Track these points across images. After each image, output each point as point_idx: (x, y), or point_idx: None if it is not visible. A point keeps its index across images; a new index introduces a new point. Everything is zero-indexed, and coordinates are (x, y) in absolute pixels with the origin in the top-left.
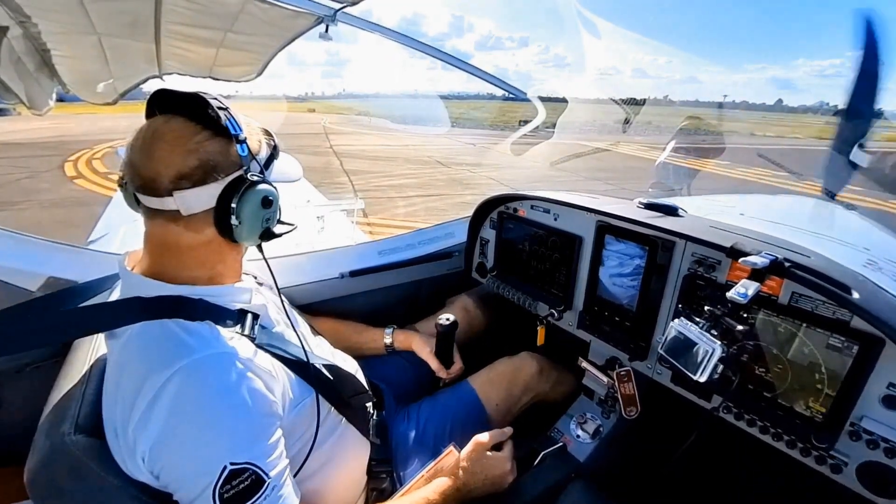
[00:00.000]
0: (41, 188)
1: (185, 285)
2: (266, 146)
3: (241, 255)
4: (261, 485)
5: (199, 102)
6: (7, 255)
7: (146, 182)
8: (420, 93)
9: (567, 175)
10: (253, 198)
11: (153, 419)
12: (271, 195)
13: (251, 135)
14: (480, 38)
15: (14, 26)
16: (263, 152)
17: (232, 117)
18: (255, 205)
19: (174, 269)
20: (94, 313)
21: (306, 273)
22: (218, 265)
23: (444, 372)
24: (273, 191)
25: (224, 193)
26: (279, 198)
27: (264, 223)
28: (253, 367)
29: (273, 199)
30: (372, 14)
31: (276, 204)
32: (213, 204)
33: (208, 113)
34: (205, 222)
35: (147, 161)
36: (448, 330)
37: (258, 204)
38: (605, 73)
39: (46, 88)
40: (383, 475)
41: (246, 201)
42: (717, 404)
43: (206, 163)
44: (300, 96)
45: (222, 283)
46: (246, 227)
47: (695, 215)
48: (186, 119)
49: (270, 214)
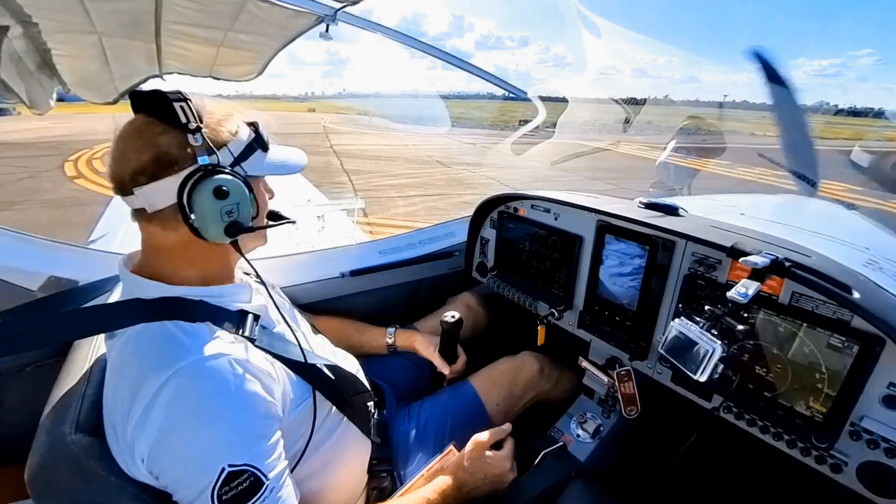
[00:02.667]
0: (42, 188)
1: (184, 286)
2: (244, 137)
3: (230, 254)
4: (260, 486)
5: (157, 96)
6: (8, 254)
7: (115, 182)
8: (420, 92)
9: (567, 175)
10: (204, 189)
11: (151, 421)
12: (226, 184)
13: (220, 126)
14: (481, 37)
15: (14, 26)
16: (237, 143)
17: (189, 108)
18: (208, 196)
19: (166, 269)
20: (95, 314)
21: (307, 272)
22: (207, 265)
23: (447, 369)
24: (232, 180)
25: (182, 187)
26: (243, 189)
27: (225, 216)
28: (251, 369)
29: (229, 190)
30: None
31: (237, 195)
32: (174, 199)
33: (162, 106)
34: (176, 220)
35: (112, 161)
36: (453, 328)
37: (210, 195)
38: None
39: (47, 88)
40: (384, 474)
41: (198, 192)
42: (717, 404)
43: (159, 156)
44: (300, 96)
45: (218, 283)
46: (205, 221)
47: (695, 215)
48: (145, 115)
49: (231, 207)
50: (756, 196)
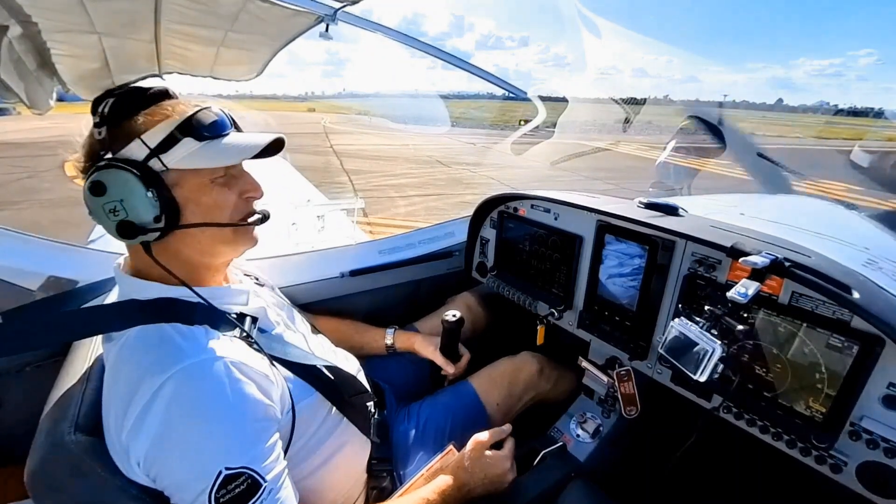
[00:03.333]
0: (42, 187)
1: (179, 287)
2: (166, 126)
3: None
4: (257, 488)
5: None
6: (7, 254)
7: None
8: (420, 92)
9: (567, 174)
10: (87, 186)
11: (147, 424)
12: (101, 179)
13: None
14: (481, 37)
15: (14, 25)
16: (154, 132)
17: (108, 104)
18: (87, 194)
19: (146, 269)
20: (93, 315)
21: (306, 272)
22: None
23: (450, 367)
24: (112, 174)
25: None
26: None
27: (110, 215)
28: (248, 371)
29: (106, 185)
30: (372, 13)
31: (119, 191)
32: None
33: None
34: None
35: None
36: (454, 326)
37: (88, 192)
38: (606, 73)
39: (47, 88)
40: (384, 474)
41: (84, 190)
42: (717, 404)
43: (88, 152)
44: (300, 96)
45: (208, 284)
46: (98, 220)
47: (695, 215)
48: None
49: (113, 204)
50: (756, 196)
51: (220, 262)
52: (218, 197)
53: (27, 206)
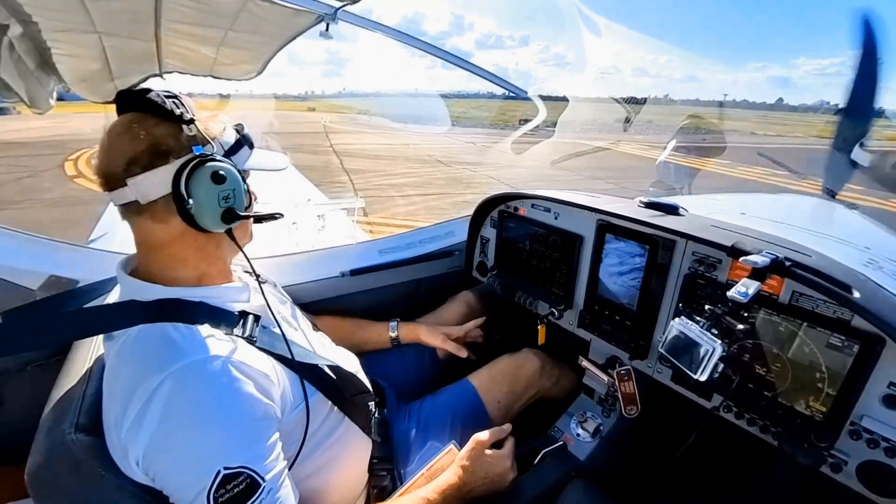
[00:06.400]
0: (42, 187)
1: (181, 287)
2: (231, 133)
3: (222, 249)
4: (256, 488)
5: (146, 94)
6: (8, 253)
7: (105, 177)
8: (420, 91)
9: (568, 174)
10: (202, 174)
11: (146, 424)
12: (224, 170)
13: (210, 121)
14: (481, 36)
15: (14, 25)
16: (227, 137)
17: (182, 103)
18: (206, 181)
19: (161, 270)
20: (94, 315)
21: (307, 272)
22: (200, 263)
23: (463, 352)
24: (227, 167)
25: (177, 175)
26: (238, 176)
27: (222, 202)
28: (248, 370)
29: (227, 175)
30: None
31: (232, 181)
32: (169, 189)
33: (155, 101)
34: (168, 211)
35: (102, 156)
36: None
37: (208, 179)
38: (606, 72)
39: (47, 87)
40: (384, 473)
41: (196, 178)
42: (717, 403)
43: (154, 145)
44: (300, 95)
45: (215, 282)
46: (201, 206)
47: (695, 214)
48: (135, 111)
49: (228, 192)
50: (756, 195)
51: (230, 259)
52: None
53: (28, 206)
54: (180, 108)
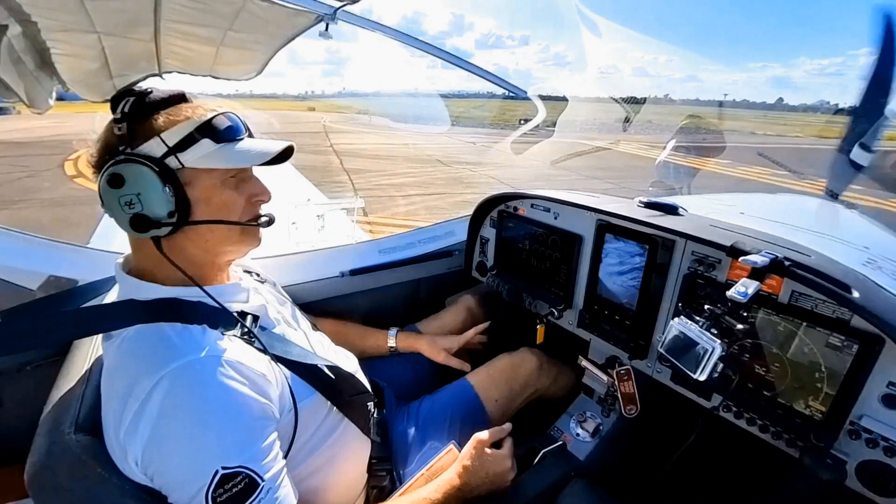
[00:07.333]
0: (42, 187)
1: (178, 287)
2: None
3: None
4: (255, 488)
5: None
6: (8, 253)
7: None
8: (420, 91)
9: (567, 174)
10: (105, 178)
11: (143, 423)
12: (120, 172)
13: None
14: (481, 36)
15: (13, 25)
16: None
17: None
18: (104, 185)
19: (151, 268)
20: (93, 315)
21: (307, 272)
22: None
23: (467, 367)
24: (132, 167)
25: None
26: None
27: (125, 208)
28: (245, 370)
29: (125, 177)
30: (372, 12)
31: (136, 184)
32: None
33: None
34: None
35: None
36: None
37: (105, 183)
38: (606, 72)
39: (46, 87)
40: (383, 473)
41: (101, 182)
42: (716, 403)
43: (103, 147)
44: (300, 95)
45: (212, 283)
46: (111, 212)
47: (695, 214)
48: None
49: (130, 197)
50: (756, 195)
51: (223, 262)
52: (228, 198)
53: (28, 206)
54: (122, 106)
